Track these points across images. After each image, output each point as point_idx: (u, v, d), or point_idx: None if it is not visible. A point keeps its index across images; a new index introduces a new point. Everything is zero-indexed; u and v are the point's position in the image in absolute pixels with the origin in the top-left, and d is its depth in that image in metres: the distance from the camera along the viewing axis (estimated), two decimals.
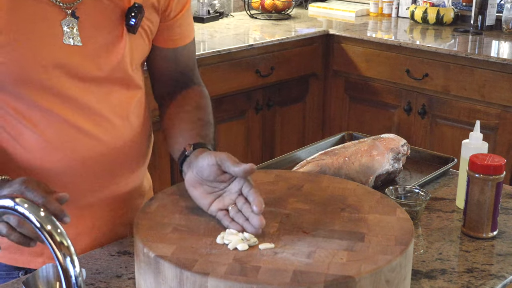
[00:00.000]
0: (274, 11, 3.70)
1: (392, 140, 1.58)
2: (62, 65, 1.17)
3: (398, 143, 1.57)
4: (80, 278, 0.81)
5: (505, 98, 2.91)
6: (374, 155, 1.51)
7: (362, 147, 1.54)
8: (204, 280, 0.95)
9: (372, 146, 1.54)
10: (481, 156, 1.32)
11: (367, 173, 1.49)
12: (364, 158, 1.51)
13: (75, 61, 1.18)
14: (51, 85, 1.17)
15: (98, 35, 1.20)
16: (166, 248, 1.03)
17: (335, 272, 0.97)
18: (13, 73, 1.14)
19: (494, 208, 1.32)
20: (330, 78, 3.50)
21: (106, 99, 1.24)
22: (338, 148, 1.56)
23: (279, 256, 1.01)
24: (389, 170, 1.53)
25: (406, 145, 1.59)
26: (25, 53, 1.14)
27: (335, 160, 1.50)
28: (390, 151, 1.54)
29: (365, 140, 1.58)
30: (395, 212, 1.16)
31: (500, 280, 1.19)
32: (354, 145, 1.55)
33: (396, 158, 1.54)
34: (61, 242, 0.81)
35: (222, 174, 1.13)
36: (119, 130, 1.27)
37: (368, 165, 1.50)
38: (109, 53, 1.21)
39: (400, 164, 1.56)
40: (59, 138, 1.20)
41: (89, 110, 1.22)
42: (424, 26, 3.55)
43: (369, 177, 1.48)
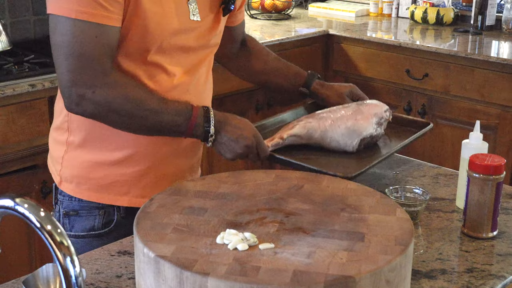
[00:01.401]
0: (274, 11, 3.70)
1: (376, 105, 1.66)
2: (184, 35, 1.45)
3: (381, 109, 1.65)
4: (80, 278, 0.81)
5: (505, 98, 2.91)
6: (359, 119, 1.60)
7: (347, 112, 1.62)
8: (204, 280, 0.95)
9: (357, 111, 1.62)
10: (481, 156, 1.32)
11: (352, 136, 1.58)
12: (349, 122, 1.59)
13: (194, 33, 1.47)
14: (169, 50, 1.43)
15: (207, 13, 1.49)
16: (166, 248, 1.03)
17: (335, 272, 0.97)
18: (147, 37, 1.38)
19: (494, 208, 1.32)
20: (330, 78, 3.50)
21: (200, 65, 1.53)
22: (324, 112, 1.64)
23: (279, 256, 1.01)
24: (372, 134, 1.60)
25: (389, 111, 1.68)
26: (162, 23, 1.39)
27: (321, 123, 1.59)
28: (374, 116, 1.62)
29: (349, 105, 1.66)
30: (395, 212, 1.16)
31: (500, 280, 1.19)
32: (339, 109, 1.64)
33: (379, 123, 1.62)
34: (61, 242, 0.81)
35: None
36: (202, 91, 1.56)
37: (354, 129, 1.58)
38: (213, 28, 1.52)
39: (382, 129, 1.64)
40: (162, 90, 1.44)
41: (188, 69, 1.49)
42: (424, 26, 3.55)
43: (353, 139, 1.58)
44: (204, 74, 1.56)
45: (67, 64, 1.32)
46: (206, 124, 1.41)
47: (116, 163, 1.48)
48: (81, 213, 1.51)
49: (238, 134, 1.43)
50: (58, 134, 1.52)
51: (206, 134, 1.42)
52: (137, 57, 1.40)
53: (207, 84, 1.59)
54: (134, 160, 1.48)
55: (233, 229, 1.08)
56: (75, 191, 1.50)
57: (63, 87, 1.34)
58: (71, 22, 1.30)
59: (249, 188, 1.25)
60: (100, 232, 1.51)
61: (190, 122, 1.40)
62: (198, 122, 1.40)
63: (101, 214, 1.51)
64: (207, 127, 1.41)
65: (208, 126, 1.41)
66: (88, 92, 1.32)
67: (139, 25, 1.36)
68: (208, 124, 1.41)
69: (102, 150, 1.47)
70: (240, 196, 1.21)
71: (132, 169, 1.48)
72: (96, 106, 1.34)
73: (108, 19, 1.32)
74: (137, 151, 1.47)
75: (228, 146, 1.44)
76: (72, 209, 1.51)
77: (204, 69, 1.56)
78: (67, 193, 1.51)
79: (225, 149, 1.44)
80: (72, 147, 1.49)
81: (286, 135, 1.58)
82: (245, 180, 1.28)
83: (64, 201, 1.52)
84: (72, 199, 1.51)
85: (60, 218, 1.53)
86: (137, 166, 1.48)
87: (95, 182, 1.49)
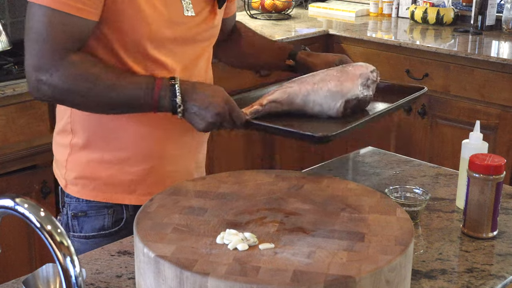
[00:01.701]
0: (274, 11, 3.70)
1: (361, 66, 1.56)
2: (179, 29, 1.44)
3: (367, 69, 1.55)
4: (80, 278, 0.81)
5: (505, 98, 2.91)
6: (343, 80, 1.51)
7: (331, 73, 1.53)
8: (204, 280, 0.95)
9: (342, 72, 1.53)
10: (481, 156, 1.32)
11: (336, 97, 1.48)
12: (332, 83, 1.50)
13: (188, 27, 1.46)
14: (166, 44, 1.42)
15: (202, 6, 1.48)
16: (166, 248, 1.03)
17: (335, 272, 0.97)
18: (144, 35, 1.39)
19: (494, 208, 1.32)
20: None
21: (198, 59, 1.52)
22: (307, 76, 1.56)
23: (279, 256, 1.01)
24: (359, 96, 1.51)
25: (375, 71, 1.57)
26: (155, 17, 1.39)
27: (303, 87, 1.50)
28: (359, 76, 1.52)
29: (333, 68, 1.57)
30: (395, 212, 1.16)
31: (500, 280, 1.19)
32: (322, 72, 1.55)
33: (365, 85, 1.52)
34: (61, 242, 0.81)
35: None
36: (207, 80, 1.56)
37: (337, 90, 1.49)
38: (210, 20, 1.51)
39: (370, 91, 1.54)
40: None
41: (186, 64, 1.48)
42: (424, 26, 3.55)
43: (337, 101, 1.48)
44: (203, 68, 1.55)
45: (31, 50, 1.33)
46: (172, 95, 1.36)
47: (121, 162, 1.47)
48: (89, 213, 1.50)
49: (208, 102, 1.37)
50: (61, 137, 1.52)
51: (174, 106, 1.36)
52: (135, 51, 1.40)
53: (207, 79, 1.59)
54: (139, 159, 1.47)
55: (233, 229, 1.08)
56: (81, 193, 1.50)
57: (26, 73, 1.35)
58: (43, 10, 1.30)
59: (249, 188, 1.25)
60: (110, 231, 1.50)
61: (154, 94, 1.35)
62: (162, 94, 1.36)
63: (110, 213, 1.50)
64: (173, 97, 1.36)
65: (174, 96, 1.36)
66: (46, 76, 1.32)
67: (132, 17, 1.36)
68: (174, 94, 1.36)
69: (106, 150, 1.47)
70: (240, 196, 1.21)
71: (137, 167, 1.48)
72: (53, 89, 1.33)
73: (80, 11, 1.31)
74: (141, 149, 1.47)
75: (199, 116, 1.37)
76: (80, 210, 1.51)
77: (203, 63, 1.55)
78: (73, 196, 1.51)
79: (196, 119, 1.38)
80: (76, 148, 1.49)
81: (266, 101, 1.50)
82: (245, 180, 1.28)
83: (72, 203, 1.52)
84: (79, 200, 1.51)
85: (68, 221, 1.52)
86: (142, 164, 1.48)
87: (101, 182, 1.49)
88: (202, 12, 1.49)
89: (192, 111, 1.37)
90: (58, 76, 1.32)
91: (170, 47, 1.44)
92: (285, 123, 1.45)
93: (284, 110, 1.50)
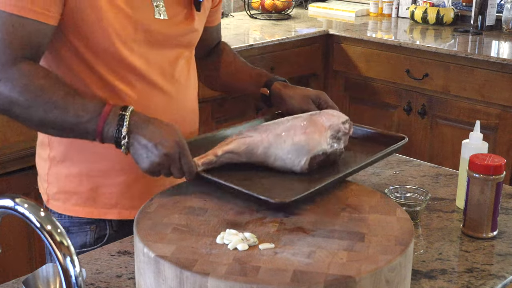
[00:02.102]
0: (274, 11, 3.70)
1: (332, 116, 1.36)
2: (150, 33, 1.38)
3: (338, 120, 1.36)
4: (80, 278, 0.81)
5: (505, 98, 2.91)
6: (309, 133, 1.31)
7: (297, 123, 1.34)
8: (204, 280, 0.95)
9: (309, 122, 1.34)
10: (481, 156, 1.32)
11: (300, 153, 1.29)
12: (297, 136, 1.31)
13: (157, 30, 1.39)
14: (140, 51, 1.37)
15: (177, 10, 1.42)
16: (166, 248, 1.03)
17: (335, 272, 0.97)
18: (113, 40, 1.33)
19: (494, 208, 1.32)
20: (330, 78, 3.50)
21: (176, 62, 1.45)
22: (270, 123, 1.36)
23: (279, 256, 1.01)
24: (327, 151, 1.32)
25: (348, 122, 1.38)
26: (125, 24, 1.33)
27: (264, 137, 1.31)
28: (328, 128, 1.33)
29: (301, 115, 1.38)
30: (395, 212, 1.16)
31: (500, 280, 1.19)
32: (288, 120, 1.35)
33: (335, 137, 1.34)
34: (61, 242, 0.81)
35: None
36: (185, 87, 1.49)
37: (302, 144, 1.30)
38: (188, 24, 1.45)
39: (341, 145, 1.35)
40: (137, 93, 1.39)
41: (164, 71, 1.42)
42: (424, 26, 3.55)
43: (302, 158, 1.29)
44: (184, 71, 1.48)
45: None
46: (118, 124, 1.22)
47: (101, 174, 1.41)
48: (71, 229, 1.45)
49: (158, 139, 1.21)
50: (41, 151, 1.47)
51: (118, 136, 1.22)
52: (106, 57, 1.34)
53: (190, 81, 1.51)
54: (119, 170, 1.41)
55: (233, 229, 1.08)
56: (63, 208, 1.45)
57: None
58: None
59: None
60: (92, 248, 1.43)
61: (99, 121, 1.23)
62: (109, 120, 1.23)
63: (93, 229, 1.45)
64: (119, 126, 1.22)
65: (120, 126, 1.22)
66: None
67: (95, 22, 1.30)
68: (121, 124, 1.22)
69: (84, 162, 1.41)
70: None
71: (118, 179, 1.42)
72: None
73: (37, 14, 1.24)
74: (120, 160, 1.38)
75: (145, 153, 1.22)
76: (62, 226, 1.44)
77: (183, 66, 1.47)
78: (56, 211, 1.46)
79: (141, 156, 1.22)
80: (54, 162, 1.44)
81: (221, 151, 1.29)
82: None
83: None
84: (61, 216, 1.45)
85: None
86: (122, 176, 1.41)
87: (82, 196, 1.43)
88: (178, 15, 1.42)
89: (139, 145, 1.22)
90: (3, 83, 1.23)
91: (142, 51, 1.37)
92: (242, 177, 1.26)
93: (243, 161, 1.31)
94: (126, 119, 1.22)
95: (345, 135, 1.36)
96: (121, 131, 1.22)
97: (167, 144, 1.21)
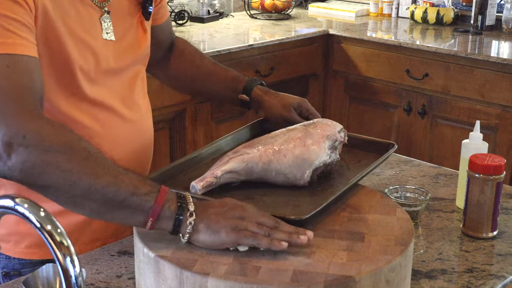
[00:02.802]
0: (274, 11, 3.70)
1: (327, 125, 1.33)
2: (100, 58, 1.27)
3: (334, 129, 1.33)
4: (80, 278, 0.81)
5: (505, 98, 2.91)
6: (309, 145, 1.27)
7: (294, 136, 1.29)
8: (204, 280, 0.95)
9: (306, 133, 1.29)
10: (481, 156, 1.32)
11: (303, 167, 1.25)
12: (297, 149, 1.26)
13: (110, 54, 1.29)
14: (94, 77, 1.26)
15: (126, 27, 1.32)
16: (166, 248, 1.02)
17: (335, 272, 0.97)
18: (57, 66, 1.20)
19: (494, 208, 1.32)
20: (330, 78, 3.50)
21: (132, 83, 1.36)
22: (263, 138, 1.31)
23: (279, 256, 1.01)
24: (326, 162, 1.29)
25: (343, 131, 1.35)
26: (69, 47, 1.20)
27: (263, 153, 1.25)
28: (326, 138, 1.30)
29: (295, 127, 1.33)
30: (395, 212, 1.16)
31: (500, 280, 1.19)
32: (283, 133, 1.31)
33: (333, 147, 1.31)
34: (61, 242, 0.81)
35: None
36: (143, 110, 1.39)
37: (303, 157, 1.26)
38: (137, 43, 1.35)
39: (337, 154, 1.33)
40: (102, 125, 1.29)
41: (122, 96, 1.33)
42: (424, 26, 3.54)
43: (304, 171, 1.25)
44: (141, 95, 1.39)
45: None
46: (181, 202, 1.04)
47: (58, 213, 1.12)
48: (23, 272, 1.31)
49: (224, 208, 1.05)
50: None
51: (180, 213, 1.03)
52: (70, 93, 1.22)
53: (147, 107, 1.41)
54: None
55: None
56: (14, 251, 1.31)
57: None
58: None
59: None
60: None
61: (159, 195, 1.04)
62: (169, 197, 1.05)
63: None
64: (182, 203, 1.04)
65: (183, 203, 1.04)
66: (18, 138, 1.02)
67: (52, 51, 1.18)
68: (184, 202, 1.05)
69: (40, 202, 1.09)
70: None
71: (76, 218, 1.25)
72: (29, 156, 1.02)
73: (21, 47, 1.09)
74: None
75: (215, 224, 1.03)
76: (12, 268, 1.32)
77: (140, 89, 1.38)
78: (4, 253, 1.32)
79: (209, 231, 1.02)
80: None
81: (221, 172, 1.22)
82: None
83: (2, 260, 1.32)
84: (10, 258, 1.32)
85: (0, 279, 1.33)
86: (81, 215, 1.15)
87: (37, 237, 1.25)
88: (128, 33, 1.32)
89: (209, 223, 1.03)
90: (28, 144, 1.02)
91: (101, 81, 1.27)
92: (242, 196, 1.19)
93: (242, 180, 1.26)
94: (189, 199, 1.06)
95: (340, 144, 1.34)
96: (189, 208, 1.04)
97: (234, 206, 1.06)
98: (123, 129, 1.33)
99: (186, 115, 2.85)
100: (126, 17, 1.33)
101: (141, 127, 1.39)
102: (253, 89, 1.48)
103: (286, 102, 1.46)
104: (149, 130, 1.43)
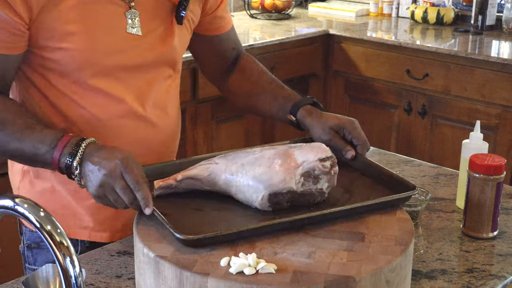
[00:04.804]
0: (274, 11, 3.69)
1: (310, 151, 1.19)
2: (123, 53, 1.30)
3: (315, 156, 1.17)
4: (80, 278, 0.81)
5: (505, 98, 2.91)
6: (276, 166, 1.16)
7: (266, 155, 1.19)
8: (204, 280, 0.95)
9: (280, 155, 1.18)
10: (481, 156, 1.32)
11: (258, 188, 1.14)
12: (260, 168, 1.16)
13: (134, 49, 1.31)
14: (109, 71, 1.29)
15: (154, 25, 1.33)
16: (166, 248, 1.02)
17: (335, 272, 0.97)
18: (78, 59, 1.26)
19: (494, 208, 1.32)
20: (330, 78, 3.50)
21: (154, 82, 1.36)
22: (243, 151, 1.24)
23: (279, 256, 1.01)
24: (296, 190, 1.15)
25: (330, 160, 1.18)
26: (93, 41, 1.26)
27: (229, 166, 1.18)
28: (300, 165, 1.16)
29: (279, 146, 1.23)
30: (395, 212, 1.16)
31: (500, 280, 1.19)
32: (261, 150, 1.21)
33: (310, 176, 1.16)
34: (61, 242, 0.81)
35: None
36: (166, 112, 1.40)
37: (263, 178, 1.15)
38: (163, 42, 1.35)
39: (322, 185, 1.17)
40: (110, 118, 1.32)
41: (139, 92, 1.34)
42: (424, 26, 3.54)
43: (259, 194, 1.14)
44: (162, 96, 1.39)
45: None
46: (73, 153, 1.15)
47: (71, 193, 1.35)
48: (42, 245, 1.39)
49: (102, 159, 1.13)
50: (13, 163, 1.41)
51: (68, 167, 1.16)
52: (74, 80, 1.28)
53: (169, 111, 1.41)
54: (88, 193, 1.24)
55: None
56: None
57: None
58: None
59: None
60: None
61: (55, 151, 1.17)
62: (65, 152, 1.17)
63: None
64: (72, 156, 1.15)
65: (73, 156, 1.15)
66: None
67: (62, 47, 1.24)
68: (76, 153, 1.15)
69: (56, 180, 1.35)
70: None
71: (90, 200, 1.27)
72: None
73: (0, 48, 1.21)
74: None
75: (90, 176, 1.14)
76: (34, 241, 1.41)
77: (160, 91, 1.38)
78: (27, 226, 1.42)
79: (87, 181, 1.15)
80: (28, 176, 1.38)
81: (181, 176, 1.19)
82: None
83: (26, 232, 1.42)
84: (33, 231, 1.40)
85: (24, 251, 1.44)
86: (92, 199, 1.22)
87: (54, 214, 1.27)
88: (155, 31, 1.34)
89: (86, 171, 1.15)
90: None
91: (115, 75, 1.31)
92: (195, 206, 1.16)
93: (207, 189, 1.20)
94: (80, 149, 1.16)
95: (326, 174, 1.17)
96: (73, 161, 1.15)
97: (107, 164, 1.12)
98: (134, 124, 1.34)
99: (186, 115, 2.85)
100: (154, 16, 1.34)
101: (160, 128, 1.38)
102: (299, 110, 1.42)
103: (326, 125, 1.36)
104: (169, 133, 1.43)
